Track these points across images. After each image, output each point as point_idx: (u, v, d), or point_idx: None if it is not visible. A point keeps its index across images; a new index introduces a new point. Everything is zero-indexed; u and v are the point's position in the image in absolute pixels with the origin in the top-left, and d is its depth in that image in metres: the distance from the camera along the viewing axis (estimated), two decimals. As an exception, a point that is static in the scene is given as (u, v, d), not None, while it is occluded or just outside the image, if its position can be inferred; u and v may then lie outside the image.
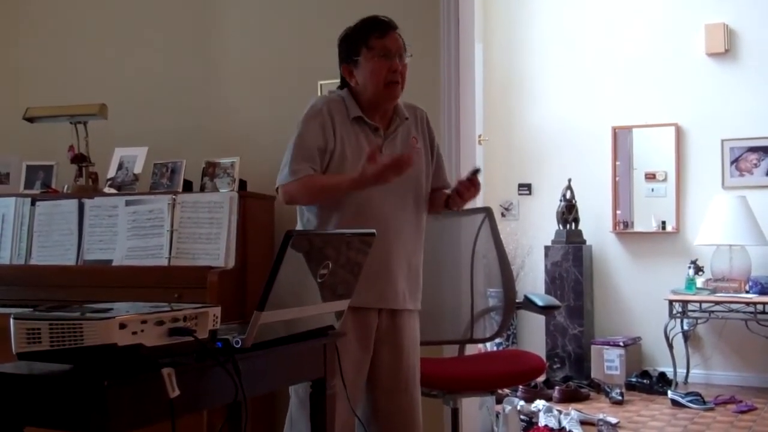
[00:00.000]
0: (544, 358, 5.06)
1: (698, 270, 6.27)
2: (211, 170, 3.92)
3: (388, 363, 2.72)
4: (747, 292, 6.06)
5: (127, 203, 3.83)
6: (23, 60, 4.75)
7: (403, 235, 2.70)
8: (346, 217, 2.63)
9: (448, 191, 2.83)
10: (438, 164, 2.89)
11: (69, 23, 4.66)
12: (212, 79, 4.32)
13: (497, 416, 4.38)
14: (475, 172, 2.69)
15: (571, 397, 5.70)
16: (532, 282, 6.80)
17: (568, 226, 6.71)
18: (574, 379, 6.11)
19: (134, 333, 1.61)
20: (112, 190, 4.03)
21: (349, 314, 2.41)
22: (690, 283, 6.23)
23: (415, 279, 2.78)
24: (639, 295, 6.71)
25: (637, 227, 6.88)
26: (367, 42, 2.65)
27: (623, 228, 6.89)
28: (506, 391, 5.25)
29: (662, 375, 6.13)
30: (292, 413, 2.66)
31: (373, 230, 2.28)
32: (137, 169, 4.07)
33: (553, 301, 3.94)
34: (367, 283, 2.49)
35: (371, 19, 2.70)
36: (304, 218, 2.74)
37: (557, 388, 5.76)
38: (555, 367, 6.43)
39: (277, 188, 2.67)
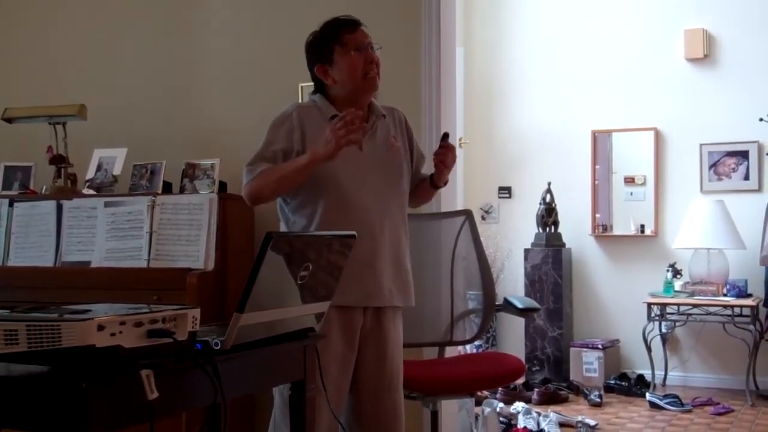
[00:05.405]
0: (523, 360, 5.08)
1: (676, 273, 6.31)
2: (191, 172, 3.90)
3: (372, 361, 2.71)
4: (725, 295, 6.10)
5: (106, 205, 3.81)
6: (1, 60, 4.71)
7: (388, 234, 2.69)
8: (330, 216, 2.62)
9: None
10: (418, 161, 2.90)
11: (48, 23, 4.63)
12: (192, 80, 4.30)
13: (476, 418, 4.39)
14: (445, 136, 2.71)
15: (550, 399, 5.72)
16: (512, 285, 6.81)
17: (547, 229, 6.74)
18: (553, 381, 6.13)
19: (113, 334, 1.60)
20: (91, 192, 4.01)
21: (335, 313, 2.40)
22: (668, 286, 6.27)
23: (404, 276, 2.76)
24: (618, 298, 6.74)
25: (616, 231, 6.91)
26: (339, 38, 2.66)
27: (602, 231, 6.92)
28: (485, 393, 5.26)
29: (640, 377, 6.17)
30: (276, 415, 2.64)
31: (354, 232, 2.28)
32: (116, 170, 4.05)
33: (532, 303, 3.95)
34: (353, 281, 2.49)
35: (337, 18, 2.71)
36: (290, 221, 2.72)
37: (536, 390, 5.78)
38: (534, 369, 6.45)
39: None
